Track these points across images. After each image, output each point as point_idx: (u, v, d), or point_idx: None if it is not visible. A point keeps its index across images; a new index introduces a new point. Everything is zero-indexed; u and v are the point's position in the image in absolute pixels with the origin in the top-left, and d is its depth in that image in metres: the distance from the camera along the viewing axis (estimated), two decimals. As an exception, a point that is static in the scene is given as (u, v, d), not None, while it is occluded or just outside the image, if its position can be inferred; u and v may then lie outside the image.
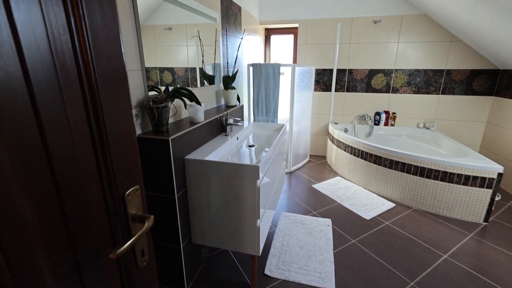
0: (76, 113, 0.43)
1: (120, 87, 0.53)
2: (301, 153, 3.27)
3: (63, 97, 0.41)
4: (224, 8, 2.11)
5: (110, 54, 0.49)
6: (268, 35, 3.50)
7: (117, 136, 0.53)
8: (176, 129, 1.33)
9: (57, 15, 0.39)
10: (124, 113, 0.54)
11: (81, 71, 0.44)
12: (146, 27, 1.20)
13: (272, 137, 1.96)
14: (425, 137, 3.06)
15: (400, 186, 2.36)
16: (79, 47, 0.43)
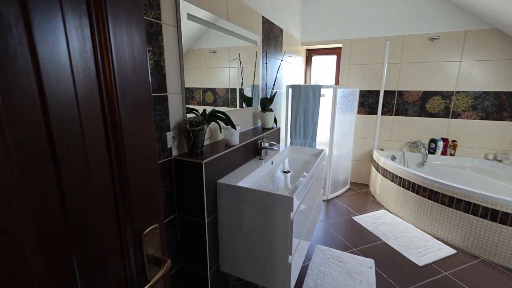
0: (96, 151, 0.41)
1: (145, 120, 0.50)
2: (341, 179, 3.04)
3: (84, 135, 0.38)
4: (266, 31, 2.13)
5: (137, 85, 0.47)
6: (309, 56, 3.45)
7: (139, 172, 0.49)
8: (211, 152, 1.31)
9: (82, 45, 0.37)
10: (148, 148, 0.51)
11: (104, 106, 0.41)
12: (193, 50, 1.24)
13: (310, 163, 1.84)
14: (497, 172, 2.61)
15: (463, 229, 2.01)
16: (104, 81, 0.41)
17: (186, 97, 1.29)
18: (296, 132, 2.63)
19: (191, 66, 1.24)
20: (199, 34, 1.30)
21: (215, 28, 1.47)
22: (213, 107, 1.45)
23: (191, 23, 1.26)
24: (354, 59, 3.08)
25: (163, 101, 1.14)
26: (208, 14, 1.38)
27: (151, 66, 1.06)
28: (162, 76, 1.12)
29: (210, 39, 1.37)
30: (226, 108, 1.66)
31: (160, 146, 1.15)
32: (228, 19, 1.58)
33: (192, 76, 1.25)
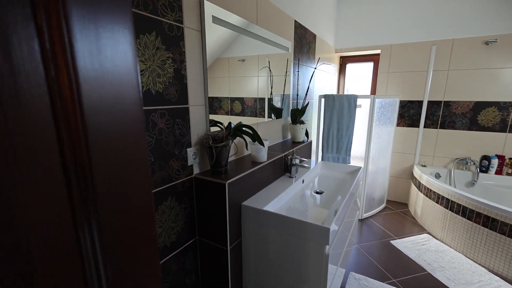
0: (47, 215, 0.26)
1: (133, 152, 0.34)
2: (377, 197, 2.75)
3: (24, 189, 0.24)
4: (298, 36, 1.97)
5: (119, 102, 0.30)
6: (343, 63, 3.23)
7: (123, 240, 0.34)
8: (236, 170, 1.17)
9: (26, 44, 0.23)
10: (138, 199, 0.35)
11: (61, 135, 0.26)
12: (222, 59, 1.18)
13: (345, 183, 1.63)
14: None
15: (534, 269, 1.65)
16: (59, 98, 0.26)
17: (214, 107, 1.19)
18: (329, 145, 2.42)
19: (220, 75, 1.19)
20: (228, 43, 1.22)
21: (243, 32, 1.35)
22: (240, 121, 1.32)
23: (219, 29, 1.16)
24: (394, 66, 2.81)
25: (183, 114, 1.03)
26: (236, 17, 1.26)
27: (171, 75, 0.95)
28: (183, 86, 1.01)
29: (239, 47, 1.30)
30: (254, 118, 1.55)
31: (180, 164, 1.04)
32: (258, 23, 1.45)
33: (220, 85, 1.20)
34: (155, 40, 0.88)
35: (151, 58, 0.87)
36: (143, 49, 0.84)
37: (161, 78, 0.91)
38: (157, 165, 0.94)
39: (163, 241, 1.00)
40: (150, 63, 0.87)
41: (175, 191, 1.03)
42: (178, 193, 1.04)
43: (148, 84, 0.87)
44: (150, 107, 0.88)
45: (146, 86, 0.86)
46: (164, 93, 0.93)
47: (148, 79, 0.87)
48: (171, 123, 0.97)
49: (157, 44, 0.88)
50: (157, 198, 0.95)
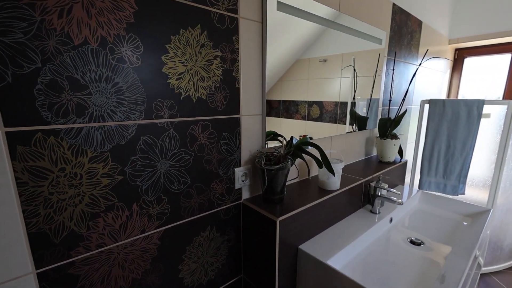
0: None
1: None
2: (507, 245, 1.93)
3: None
4: (396, 24, 1.52)
5: None
6: (459, 57, 2.45)
7: None
8: (295, 199, 0.90)
9: None
10: None
11: None
12: (302, 60, 1.09)
13: (461, 231, 1.12)
14: None
15: None
16: None
17: (290, 111, 1.08)
18: (432, 167, 1.82)
19: (298, 78, 1.10)
20: (312, 41, 1.11)
21: (320, 22, 1.05)
22: (306, 135, 1.04)
23: (305, 25, 0.92)
24: (551, 57, 1.91)
25: (233, 126, 0.83)
26: (310, 2, 0.99)
27: (218, 78, 0.76)
28: (234, 91, 0.81)
29: (321, 46, 1.17)
30: (333, 125, 1.30)
31: (225, 187, 0.84)
32: (340, 9, 1.13)
33: (298, 88, 1.11)
34: (200, 36, 0.70)
35: (193, 57, 0.70)
36: (183, 47, 0.68)
37: (205, 82, 0.73)
38: (194, 188, 0.77)
39: (198, 279, 0.83)
40: (192, 64, 0.70)
41: (216, 219, 0.84)
42: (220, 222, 0.85)
43: (187, 90, 0.70)
44: (189, 118, 0.72)
45: (186, 93, 0.70)
46: (209, 100, 0.75)
47: (189, 84, 0.70)
48: (215, 137, 0.79)
49: (202, 40, 0.71)
50: (192, 228, 0.78)
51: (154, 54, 0.63)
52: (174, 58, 0.66)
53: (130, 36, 0.58)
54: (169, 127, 0.68)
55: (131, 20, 0.58)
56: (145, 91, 0.62)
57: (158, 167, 0.68)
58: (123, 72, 0.58)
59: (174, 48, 0.66)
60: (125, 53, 0.58)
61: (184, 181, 0.74)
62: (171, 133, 0.69)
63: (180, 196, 0.74)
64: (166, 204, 0.71)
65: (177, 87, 0.68)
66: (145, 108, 0.63)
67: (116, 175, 0.61)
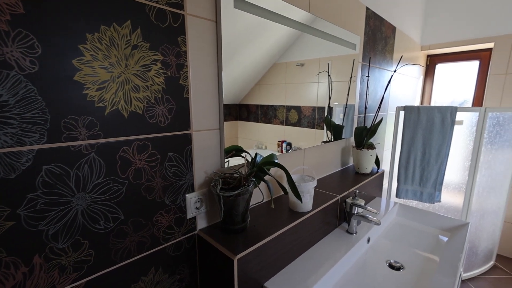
0: None
1: None
2: (482, 250, 1.93)
3: None
4: (370, 29, 1.45)
5: None
6: (431, 64, 2.48)
7: None
8: (260, 227, 0.77)
9: None
10: None
11: None
12: (279, 64, 1.06)
13: (441, 248, 1.05)
14: None
15: None
16: None
17: (269, 116, 1.06)
18: (408, 175, 1.77)
19: (276, 82, 1.08)
20: (286, 47, 1.07)
21: (287, 23, 0.95)
22: (271, 153, 0.92)
23: (281, 29, 0.82)
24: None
25: (182, 144, 0.68)
26: (274, 0, 0.87)
27: (159, 87, 0.62)
28: (182, 103, 0.67)
29: (298, 50, 1.14)
30: (311, 130, 1.26)
31: (173, 217, 0.70)
32: (310, 10, 1.03)
33: (276, 92, 1.09)
34: (131, 35, 0.56)
35: (121, 62, 0.55)
36: (107, 49, 0.53)
37: (140, 93, 0.59)
38: (130, 225, 0.61)
39: (140, 334, 0.67)
40: (121, 70, 0.55)
41: (163, 257, 0.69)
42: (168, 260, 0.70)
43: (115, 103, 0.55)
44: (118, 138, 0.57)
45: (112, 106, 0.55)
46: (147, 114, 0.61)
47: (116, 95, 0.55)
48: (158, 159, 0.64)
49: (134, 41, 0.56)
50: (129, 274, 0.63)
51: (61, 57, 0.47)
52: (93, 63, 0.51)
53: (19, 32, 0.43)
54: (89, 151, 0.53)
55: (19, 10, 0.43)
56: (47, 105, 0.47)
57: (73, 203, 0.52)
58: (7, 81, 0.43)
59: (92, 50, 0.51)
60: (10, 55, 0.42)
61: (114, 217, 0.58)
62: (92, 158, 0.54)
63: (109, 237, 0.58)
64: (87, 249, 0.55)
65: (99, 100, 0.53)
66: (48, 129, 0.47)
67: (1, 221, 0.45)
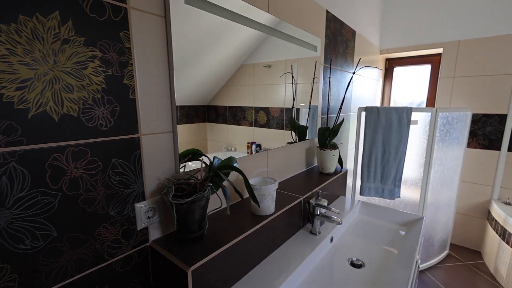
0: None
1: None
2: (437, 241, 2.08)
3: None
4: (331, 32, 1.49)
5: None
6: (389, 67, 2.63)
7: None
8: (219, 234, 0.74)
9: None
10: None
11: None
12: (246, 66, 1.06)
13: (399, 242, 1.09)
14: None
15: None
16: None
17: (238, 117, 1.05)
18: (370, 173, 1.85)
19: (244, 83, 1.08)
20: (255, 46, 1.08)
21: (242, 22, 0.93)
22: (254, 142, 0.91)
23: (209, 17, 0.78)
24: (462, 69, 2.14)
25: (129, 149, 0.63)
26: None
27: (98, 86, 0.56)
28: (128, 104, 0.61)
29: (265, 52, 1.15)
30: (280, 131, 1.27)
31: (120, 229, 0.63)
32: (269, 10, 1.02)
33: (245, 93, 1.10)
34: (60, 27, 0.50)
35: (49, 58, 0.49)
36: (28, 43, 0.46)
37: (75, 93, 0.53)
38: (65, 241, 0.54)
39: None
40: (48, 67, 0.49)
41: (109, 275, 0.63)
42: (116, 277, 0.64)
43: (41, 104, 0.49)
44: (47, 144, 0.50)
45: (38, 108, 0.48)
46: (84, 117, 0.54)
47: (43, 96, 0.49)
48: (99, 166, 0.58)
49: (64, 34, 0.50)
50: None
51: (-36, 51, 0.40)
52: (10, 58, 0.44)
53: None
54: (7, 160, 0.46)
55: None
56: None
57: (-13, 222, 0.45)
58: None
59: (7, 43, 0.44)
60: None
61: (44, 234, 0.51)
62: (12, 168, 0.46)
63: (39, 257, 0.51)
64: (9, 274, 0.48)
65: (20, 101, 0.46)
66: None
67: None
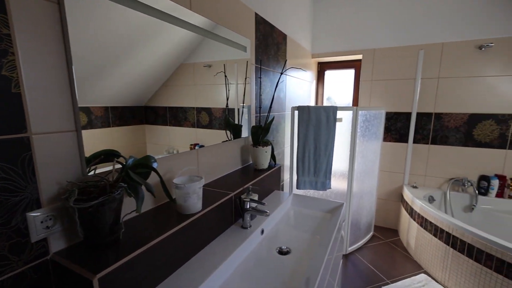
0: None
1: None
2: (363, 225, 2.34)
3: None
4: (261, 34, 1.56)
5: None
6: (321, 70, 2.87)
7: None
8: (138, 236, 0.70)
9: None
10: None
11: None
12: (186, 65, 1.04)
13: (323, 228, 1.20)
14: None
15: None
16: None
17: (179, 118, 1.03)
18: (305, 167, 1.99)
19: (185, 83, 1.06)
20: (194, 45, 1.07)
21: (158, 16, 0.91)
22: (197, 143, 0.87)
23: (135, 13, 0.75)
24: (378, 73, 2.46)
25: (13, 152, 0.55)
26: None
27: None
28: (9, 99, 0.54)
29: (205, 51, 1.14)
30: (222, 132, 1.29)
31: (7, 244, 0.55)
32: (192, 7, 1.01)
33: (186, 93, 1.08)
34: None
35: None
36: None
37: None
38: None
39: None
40: None
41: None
42: (4, 300, 0.55)
43: None
44: None
45: None
46: None
47: None
48: (-28, 172, 0.49)
49: None
50: None
51: None
52: None
53: None
54: None
55: None
56: None
57: None
58: None
59: None
60: None
61: None
62: None
63: None
64: None
65: None
66: None
67: None
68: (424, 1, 2.20)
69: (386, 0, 2.32)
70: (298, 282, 0.85)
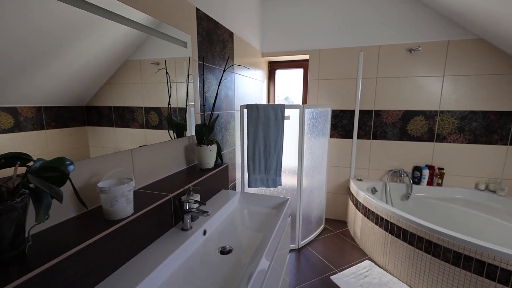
0: None
1: None
2: (314, 219, 2.44)
3: None
4: (204, 30, 1.52)
5: None
6: (272, 69, 2.93)
7: None
8: (50, 249, 0.62)
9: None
10: None
11: None
12: (132, 61, 0.98)
13: (268, 224, 1.21)
14: (491, 206, 2.19)
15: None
16: None
17: (126, 119, 0.97)
18: (255, 165, 2.00)
19: (131, 81, 1.00)
20: (139, 41, 1.01)
21: (117, 20, 0.84)
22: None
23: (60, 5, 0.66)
24: (324, 73, 2.59)
25: None
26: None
27: None
28: None
29: (152, 48, 1.09)
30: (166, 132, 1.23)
31: None
32: (126, 0, 0.94)
33: (133, 92, 1.01)
34: None
35: None
36: None
37: None
38: None
39: None
40: None
41: None
42: None
43: None
44: None
45: None
46: None
47: None
48: None
49: None
50: None
51: None
52: None
53: None
54: None
55: None
56: None
57: None
58: None
59: None
60: None
61: None
62: None
63: None
64: None
65: None
66: None
67: None
68: (363, 6, 2.38)
69: (330, 3, 2.46)
70: (239, 280, 0.83)
